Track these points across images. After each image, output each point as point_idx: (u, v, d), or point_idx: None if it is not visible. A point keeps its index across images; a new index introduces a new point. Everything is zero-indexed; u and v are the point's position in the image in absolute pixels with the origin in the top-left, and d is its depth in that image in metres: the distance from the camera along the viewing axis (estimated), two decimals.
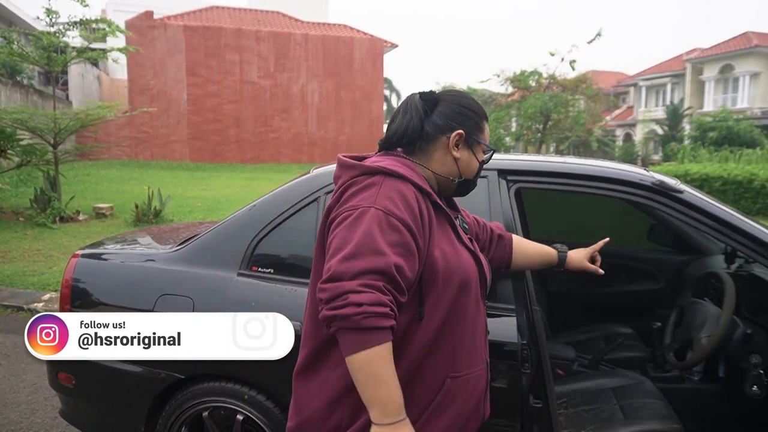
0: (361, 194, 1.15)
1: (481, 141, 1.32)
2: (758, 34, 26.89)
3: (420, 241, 1.15)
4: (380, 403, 1.05)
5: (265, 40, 24.47)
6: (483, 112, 1.33)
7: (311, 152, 25.41)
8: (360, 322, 1.02)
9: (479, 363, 1.30)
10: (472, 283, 1.25)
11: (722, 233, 1.78)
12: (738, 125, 15.55)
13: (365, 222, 1.10)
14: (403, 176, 1.18)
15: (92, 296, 2.20)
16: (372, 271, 1.06)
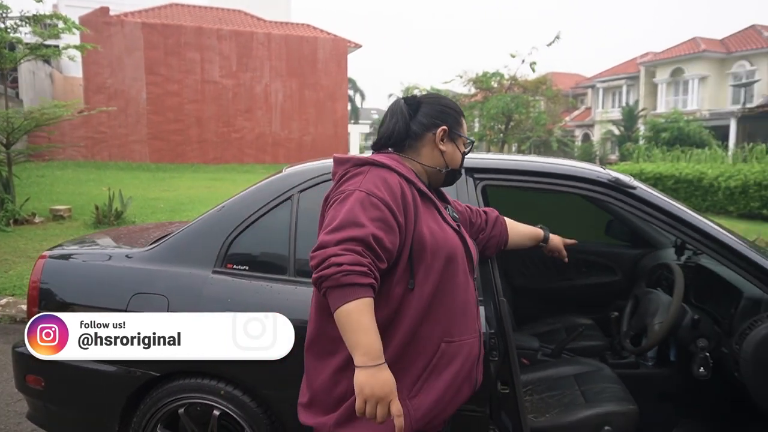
0: (350, 181, 1.35)
1: (461, 134, 1.50)
2: (705, 40, 28.15)
3: (399, 218, 1.30)
4: (363, 347, 1.19)
5: (226, 38, 24.10)
6: (460, 110, 1.53)
7: (275, 152, 25.17)
8: (340, 279, 1.18)
9: (472, 332, 1.45)
10: (458, 256, 1.41)
11: (672, 226, 1.92)
12: (688, 126, 16.30)
13: (349, 201, 1.28)
14: (388, 166, 1.36)
15: (61, 297, 2.17)
16: (352, 239, 1.22)
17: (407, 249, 1.33)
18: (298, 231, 2.04)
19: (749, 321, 1.93)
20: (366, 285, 1.20)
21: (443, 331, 1.37)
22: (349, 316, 1.19)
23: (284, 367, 1.88)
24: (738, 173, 10.56)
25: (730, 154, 14.64)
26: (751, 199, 10.26)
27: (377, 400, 1.19)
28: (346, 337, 1.22)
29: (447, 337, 1.37)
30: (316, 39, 26.03)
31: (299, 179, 2.12)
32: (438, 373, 1.36)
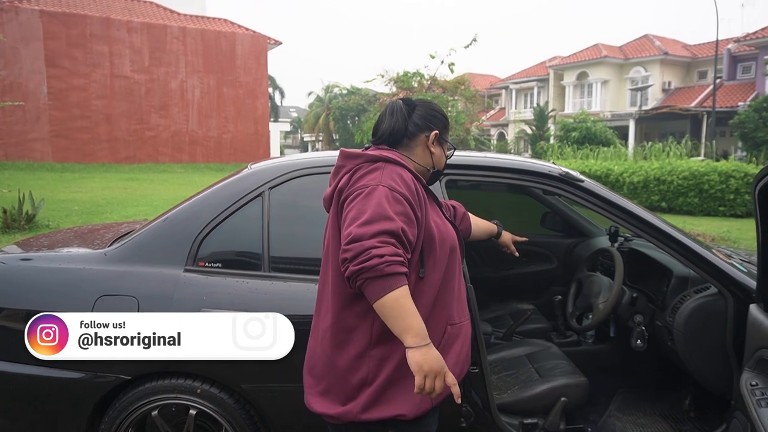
0: (369, 176, 1.40)
1: (448, 140, 1.62)
2: (607, 46, 30.46)
3: (418, 212, 1.39)
4: (413, 329, 1.27)
5: (137, 31, 22.84)
6: (447, 117, 1.64)
7: (193, 151, 24.22)
8: (384, 269, 1.24)
9: (466, 314, 1.58)
10: (457, 247, 1.54)
11: (614, 214, 2.14)
12: (595, 126, 17.61)
13: (376, 196, 1.34)
14: (401, 163, 1.45)
15: (16, 303, 2.05)
16: (386, 231, 1.28)
17: (420, 241, 1.41)
18: (271, 227, 2.07)
19: (679, 296, 2.21)
20: (404, 274, 1.28)
21: (448, 315, 1.48)
22: (397, 302, 1.25)
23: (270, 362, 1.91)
24: (640, 170, 11.58)
25: (630, 152, 15.97)
26: (651, 193, 11.30)
27: (435, 374, 1.28)
28: (394, 323, 1.27)
29: (450, 321, 1.49)
30: (234, 34, 25.31)
31: (269, 176, 2.14)
32: (446, 353, 1.46)
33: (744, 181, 10.68)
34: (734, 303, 1.98)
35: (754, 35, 24.43)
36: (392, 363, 1.41)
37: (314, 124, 42.22)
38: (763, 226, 1.57)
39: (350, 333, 1.42)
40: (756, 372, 1.65)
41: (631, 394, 2.58)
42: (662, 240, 2.09)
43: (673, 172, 11.11)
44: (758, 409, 1.50)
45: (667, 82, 28.95)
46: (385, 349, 1.41)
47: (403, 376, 1.41)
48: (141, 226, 2.32)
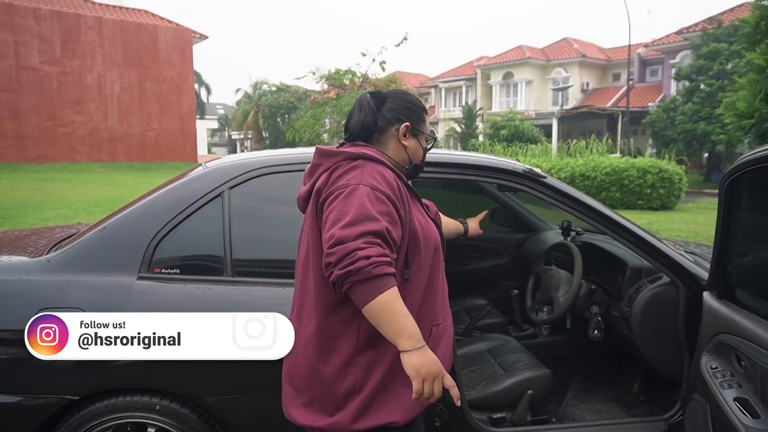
0: (349, 174, 1.33)
1: (423, 131, 1.53)
2: (530, 48, 31.76)
3: (401, 211, 1.34)
4: (407, 332, 1.22)
5: (46, 19, 21.22)
6: (423, 107, 1.55)
7: (113, 149, 22.85)
8: (372, 271, 1.18)
9: (449, 313, 1.54)
10: (440, 246, 1.49)
11: (574, 208, 2.20)
12: (523, 124, 18.33)
13: (357, 196, 1.27)
14: (381, 160, 1.39)
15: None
16: (371, 232, 1.22)
17: (405, 242, 1.35)
18: (233, 230, 1.95)
19: (635, 286, 2.31)
20: (392, 275, 1.22)
21: (433, 317, 1.44)
22: (388, 305, 1.19)
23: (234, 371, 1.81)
24: (566, 166, 12.17)
25: (554, 149, 16.74)
26: (577, 188, 11.66)
27: (433, 378, 1.23)
28: (386, 326, 1.21)
29: (435, 321, 1.44)
30: (156, 27, 24.11)
31: (228, 175, 2.02)
32: None
33: (659, 177, 11.48)
34: (685, 291, 2.10)
35: (660, 41, 26.36)
36: (381, 369, 1.35)
37: (243, 121, 41.09)
38: (724, 220, 1.66)
39: (335, 340, 1.35)
40: (715, 355, 1.74)
41: (586, 382, 2.67)
42: (620, 233, 2.17)
43: (596, 168, 11.76)
44: (722, 390, 1.58)
45: (586, 83, 30.63)
46: (373, 354, 1.36)
47: (391, 381, 1.37)
48: (84, 229, 2.12)
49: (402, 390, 1.37)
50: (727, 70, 18.41)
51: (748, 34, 6.49)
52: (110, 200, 10.47)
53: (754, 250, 1.76)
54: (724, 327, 1.70)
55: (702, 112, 18.53)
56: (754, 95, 5.94)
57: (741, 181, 1.54)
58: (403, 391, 1.37)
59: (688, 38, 22.95)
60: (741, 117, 6.11)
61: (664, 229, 8.54)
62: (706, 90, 19.00)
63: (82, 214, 8.72)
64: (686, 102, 19.58)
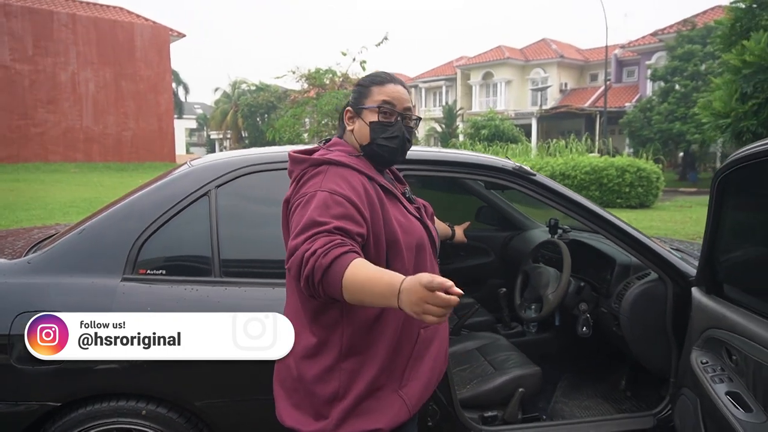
0: (310, 182, 1.32)
1: (366, 106, 1.43)
2: (509, 48, 32.04)
3: (365, 212, 1.28)
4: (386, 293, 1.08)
5: (17, 16, 20.69)
6: (371, 81, 1.45)
7: (89, 149, 22.38)
8: (322, 261, 1.12)
9: None
10: (426, 245, 1.44)
11: (563, 205, 2.21)
12: (503, 124, 18.46)
13: (313, 204, 1.25)
14: (347, 164, 1.35)
15: None
16: (316, 232, 1.19)
17: (383, 246, 1.32)
18: (220, 229, 1.91)
19: (623, 283, 2.32)
20: (347, 252, 1.15)
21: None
22: (354, 284, 1.10)
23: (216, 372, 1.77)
24: (546, 165, 12.29)
25: (534, 149, 16.91)
26: None
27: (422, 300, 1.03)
28: (366, 300, 1.11)
29: (423, 324, 1.38)
30: (132, 25, 23.69)
31: (215, 174, 1.98)
32: (421, 359, 1.39)
33: (637, 175, 11.67)
34: (673, 287, 2.12)
35: (636, 42, 26.83)
36: (367, 376, 1.32)
37: (221, 121, 40.61)
38: (714, 217, 1.68)
39: (320, 346, 1.33)
40: (705, 350, 1.76)
41: (574, 379, 2.69)
42: (609, 230, 2.18)
43: (576, 167, 11.90)
44: (713, 385, 1.59)
45: (564, 83, 31.02)
46: (357, 361, 1.33)
47: (379, 388, 1.34)
48: (61, 231, 2.05)
49: (390, 395, 1.35)
50: (701, 71, 18.82)
51: (724, 36, 6.63)
52: (86, 201, 10.24)
53: (742, 247, 1.78)
54: (714, 322, 1.72)
55: (677, 112, 18.90)
56: (730, 95, 6.06)
57: (732, 178, 1.56)
58: (390, 396, 1.35)
59: (663, 40, 23.41)
60: (717, 117, 6.24)
61: (643, 227, 8.63)
62: (681, 90, 19.38)
63: (58, 215, 8.51)
64: (662, 102, 19.95)
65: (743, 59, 5.77)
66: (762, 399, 1.42)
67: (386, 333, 1.33)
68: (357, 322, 1.31)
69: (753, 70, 5.74)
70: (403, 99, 1.44)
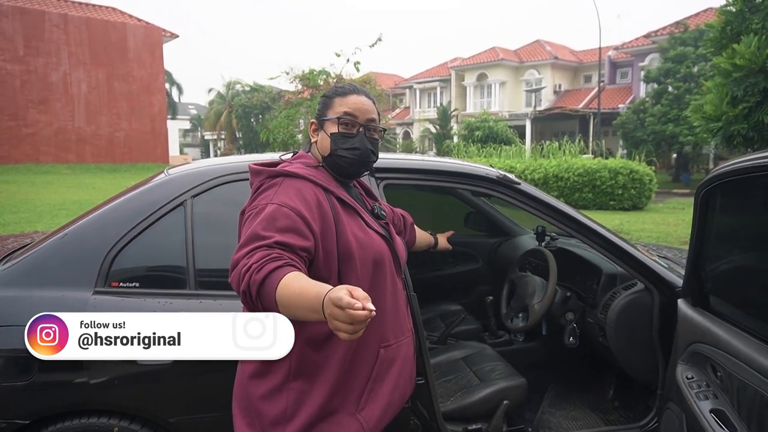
0: (263, 195, 1.32)
1: (328, 117, 1.42)
2: (503, 50, 32.07)
3: (314, 226, 1.26)
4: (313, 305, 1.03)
5: (8, 16, 20.53)
6: (334, 92, 1.44)
7: (81, 150, 22.23)
8: (256, 276, 1.11)
9: (405, 332, 1.45)
10: (385, 261, 1.39)
11: (548, 215, 2.18)
12: (497, 125, 18.46)
13: (261, 217, 1.24)
14: (303, 176, 1.34)
15: None
16: (257, 246, 1.18)
17: (335, 260, 1.28)
18: (195, 240, 1.86)
19: (609, 293, 2.29)
20: (282, 265, 1.12)
21: (380, 337, 1.36)
22: (286, 297, 1.07)
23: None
24: (540, 167, 12.28)
25: (528, 150, 16.90)
26: (550, 189, 12.02)
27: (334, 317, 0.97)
28: (298, 314, 1.08)
29: (383, 343, 1.36)
30: (124, 25, 23.55)
31: (191, 183, 1.93)
32: (381, 380, 1.35)
33: (630, 177, 11.68)
34: (660, 298, 2.08)
35: (629, 44, 26.90)
36: (316, 399, 1.27)
37: (215, 121, 40.47)
38: (699, 229, 1.64)
39: (269, 364, 1.29)
40: (690, 365, 1.73)
41: (561, 388, 2.65)
42: (593, 239, 2.15)
43: (569, 169, 11.90)
44: (698, 402, 1.56)
45: (558, 84, 31.06)
46: (307, 381, 1.28)
47: (331, 412, 1.30)
48: (34, 241, 2.00)
49: (345, 419, 1.30)
50: (693, 73, 18.88)
51: (715, 39, 6.62)
52: (77, 203, 10.15)
53: (727, 260, 1.75)
54: (699, 336, 1.69)
55: (670, 114, 18.94)
56: (721, 98, 6.06)
57: (715, 191, 1.52)
58: (346, 420, 1.30)
59: (656, 41, 23.48)
60: (708, 120, 6.23)
61: (635, 230, 8.67)
62: (674, 92, 19.44)
63: (46, 218, 8.42)
64: (655, 104, 20.00)
65: (734, 63, 5.76)
66: (746, 418, 1.39)
67: (338, 352, 1.28)
68: (306, 339, 1.26)
69: (743, 74, 5.74)
70: (367, 110, 1.41)
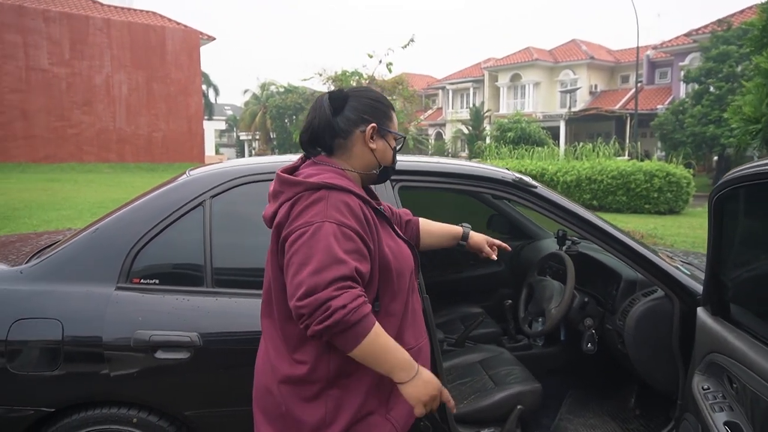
0: (312, 210, 1.22)
1: (391, 130, 1.40)
2: (537, 50, 31.60)
3: (370, 244, 1.26)
4: (399, 366, 1.21)
5: (55, 21, 21.38)
6: (390, 103, 1.43)
7: (121, 150, 22.97)
8: (350, 319, 1.13)
9: (423, 334, 1.46)
10: (413, 269, 1.41)
11: (565, 219, 2.15)
12: (529, 127, 18.20)
13: (323, 236, 1.19)
14: (345, 188, 1.26)
15: None
16: (341, 277, 1.16)
17: (375, 274, 1.28)
18: (213, 239, 1.92)
19: (628, 300, 2.24)
20: (369, 312, 1.18)
21: (406, 342, 1.36)
22: (373, 347, 1.17)
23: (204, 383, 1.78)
24: (572, 169, 12.06)
25: (561, 152, 16.62)
26: (583, 191, 11.80)
27: (433, 399, 1.24)
28: (377, 365, 1.20)
29: (407, 346, 1.35)
30: (164, 29, 24.22)
31: (210, 184, 1.99)
32: None
33: (666, 180, 11.34)
34: (680, 306, 2.03)
35: (669, 43, 26.12)
36: (354, 403, 1.28)
37: (250, 122, 41.17)
38: (714, 235, 1.60)
39: (305, 373, 1.27)
40: (707, 375, 1.68)
41: (580, 395, 2.61)
42: (610, 243, 2.11)
43: (603, 171, 11.64)
44: (712, 414, 1.52)
45: (594, 85, 30.41)
46: (345, 387, 1.28)
47: (370, 413, 1.30)
48: (64, 238, 2.09)
49: (379, 421, 1.32)
50: (736, 73, 18.19)
51: (755, 38, 6.37)
52: (115, 202, 10.49)
53: (748, 266, 1.70)
54: (717, 346, 1.64)
55: (711, 115, 18.31)
56: (760, 100, 5.82)
57: (730, 196, 1.48)
58: (380, 421, 1.32)
59: (698, 40, 22.72)
60: (748, 122, 6.00)
61: (670, 234, 8.42)
62: (715, 93, 18.78)
63: (86, 215, 8.74)
64: (695, 105, 19.36)
65: None
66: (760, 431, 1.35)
67: None
68: None
69: None
70: None
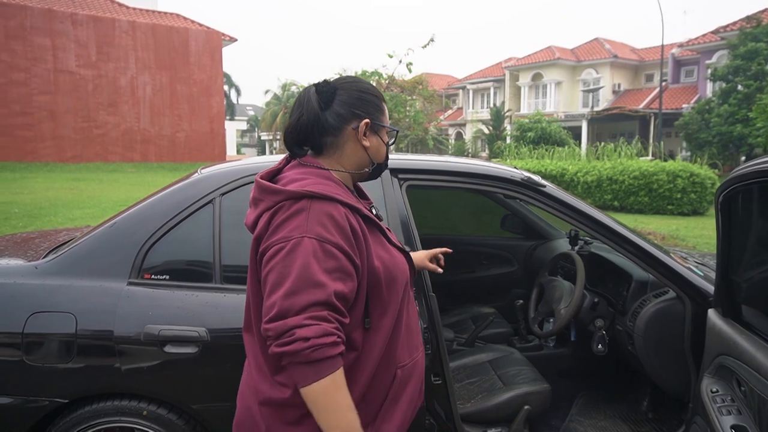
0: (291, 222, 1.11)
1: (384, 125, 1.31)
2: (560, 49, 31.22)
3: (356, 260, 1.15)
4: (342, 428, 1.07)
5: (83, 24, 21.86)
6: (380, 95, 1.32)
7: (145, 150, 23.39)
8: (310, 355, 1.03)
9: (418, 347, 1.38)
10: (407, 278, 1.31)
11: (575, 219, 2.13)
12: (550, 126, 18.01)
13: (301, 254, 1.08)
14: (330, 197, 1.15)
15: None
16: (315, 303, 1.06)
17: (364, 288, 1.17)
18: (222, 236, 1.95)
19: (639, 300, 2.21)
20: (337, 356, 1.06)
21: (398, 359, 1.28)
22: (324, 395, 1.05)
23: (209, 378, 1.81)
24: (593, 169, 11.89)
25: (583, 152, 16.41)
26: (604, 192, 11.62)
27: None
28: (319, 415, 1.07)
29: (401, 363, 1.29)
30: (187, 30, 24.58)
31: (220, 182, 2.02)
32: (396, 401, 1.28)
33: (690, 181, 11.11)
34: (692, 307, 2.00)
35: (696, 41, 25.56)
36: None
37: (272, 122, 41.50)
38: (723, 235, 1.57)
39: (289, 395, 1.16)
40: (716, 378, 1.65)
41: (591, 396, 2.58)
42: (621, 244, 2.09)
43: (624, 171, 11.45)
44: (720, 417, 1.49)
45: (617, 84, 29.93)
46: None
47: None
48: (80, 234, 2.15)
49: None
50: (765, 71, 17.74)
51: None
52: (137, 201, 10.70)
53: (759, 267, 1.66)
54: (726, 348, 1.61)
55: (738, 114, 17.89)
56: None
57: (737, 194, 1.45)
58: None
59: (725, 38, 22.19)
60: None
61: (692, 236, 8.26)
62: (743, 91, 18.33)
63: (109, 213, 8.93)
64: (722, 104, 18.94)
65: None
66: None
67: (360, 381, 1.19)
68: None
69: None
70: None
